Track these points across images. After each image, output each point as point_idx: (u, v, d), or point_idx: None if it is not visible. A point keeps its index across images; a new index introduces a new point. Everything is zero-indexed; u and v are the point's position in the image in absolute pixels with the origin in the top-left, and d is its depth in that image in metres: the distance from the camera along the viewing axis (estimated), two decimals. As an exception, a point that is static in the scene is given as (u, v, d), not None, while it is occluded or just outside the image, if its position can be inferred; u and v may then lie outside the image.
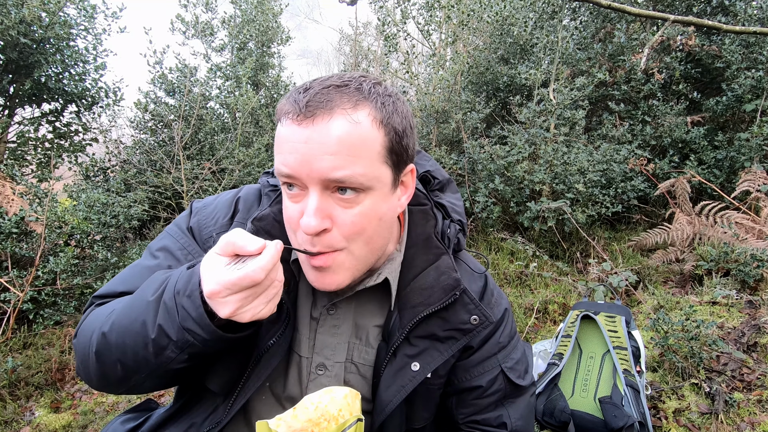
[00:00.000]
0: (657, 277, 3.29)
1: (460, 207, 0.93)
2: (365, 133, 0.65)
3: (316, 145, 0.63)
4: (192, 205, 0.90)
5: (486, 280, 0.90)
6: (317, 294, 0.83)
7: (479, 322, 0.79)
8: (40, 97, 4.07)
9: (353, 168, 0.64)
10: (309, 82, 0.67)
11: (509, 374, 0.87)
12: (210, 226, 0.85)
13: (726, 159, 4.19)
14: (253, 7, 5.44)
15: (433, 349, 0.79)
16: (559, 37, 4.29)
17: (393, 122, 0.68)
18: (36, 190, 2.96)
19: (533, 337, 2.62)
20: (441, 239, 0.84)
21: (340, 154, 0.63)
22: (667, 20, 4.27)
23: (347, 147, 0.64)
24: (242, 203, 0.87)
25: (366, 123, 0.65)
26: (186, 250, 0.84)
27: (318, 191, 0.66)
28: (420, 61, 5.39)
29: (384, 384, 0.79)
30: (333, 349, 0.82)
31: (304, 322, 0.82)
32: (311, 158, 0.63)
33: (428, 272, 0.80)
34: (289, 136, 0.65)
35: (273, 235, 0.78)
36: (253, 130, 4.87)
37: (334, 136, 0.63)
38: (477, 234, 4.06)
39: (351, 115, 0.64)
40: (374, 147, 0.66)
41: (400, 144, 0.70)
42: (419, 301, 0.79)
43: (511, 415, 0.87)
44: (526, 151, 3.92)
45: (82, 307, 2.97)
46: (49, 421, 2.10)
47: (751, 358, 2.09)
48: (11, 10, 3.39)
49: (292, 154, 0.64)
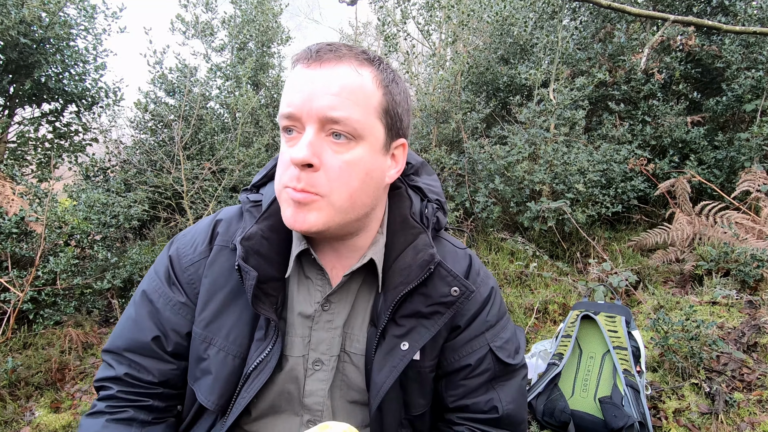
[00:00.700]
0: (657, 277, 3.29)
1: (438, 188, 0.94)
2: (366, 85, 0.71)
3: (320, 85, 0.68)
4: (174, 237, 0.92)
5: (470, 259, 0.91)
6: (309, 292, 0.84)
7: (460, 292, 0.80)
8: (40, 97, 4.07)
9: (350, 111, 0.69)
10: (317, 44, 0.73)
11: (498, 353, 0.87)
12: (189, 254, 0.86)
13: (726, 159, 4.19)
14: (253, 7, 5.44)
15: (420, 327, 0.80)
16: (559, 37, 4.29)
17: (392, 89, 0.74)
18: (36, 190, 2.96)
19: (533, 337, 2.62)
20: (420, 220, 0.86)
21: (341, 96, 0.68)
22: (667, 20, 4.27)
23: (348, 91, 0.69)
24: (222, 225, 0.87)
25: (368, 78, 0.72)
26: (157, 293, 0.86)
27: (314, 130, 0.70)
28: (420, 61, 5.39)
29: (376, 367, 0.80)
30: (328, 343, 0.83)
31: (298, 322, 0.83)
32: (313, 96, 0.68)
33: (407, 252, 0.82)
34: (297, 79, 0.70)
35: (262, 254, 0.79)
36: (253, 130, 4.87)
37: (337, 79, 0.69)
38: (477, 234, 4.06)
39: (356, 69, 0.70)
40: (372, 101, 0.72)
41: (396, 111, 0.75)
42: (400, 281, 0.80)
43: (502, 399, 0.87)
44: (526, 151, 3.92)
45: (82, 307, 2.97)
46: (49, 421, 2.10)
47: (751, 358, 2.09)
48: (11, 10, 3.39)
49: (297, 93, 0.69)
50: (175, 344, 0.85)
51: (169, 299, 0.85)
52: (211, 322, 0.82)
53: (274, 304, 0.80)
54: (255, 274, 0.75)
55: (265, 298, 0.79)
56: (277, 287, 0.81)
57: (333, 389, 0.84)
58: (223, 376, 0.80)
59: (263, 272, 0.78)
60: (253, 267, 0.77)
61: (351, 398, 0.85)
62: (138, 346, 0.85)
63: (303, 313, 0.83)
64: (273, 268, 0.80)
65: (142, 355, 0.85)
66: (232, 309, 0.82)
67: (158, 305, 0.85)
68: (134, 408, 0.84)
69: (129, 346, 0.85)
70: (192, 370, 0.85)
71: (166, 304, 0.85)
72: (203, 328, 0.82)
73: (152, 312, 0.85)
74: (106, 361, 0.88)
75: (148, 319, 0.85)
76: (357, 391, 0.84)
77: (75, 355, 2.59)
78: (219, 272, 0.83)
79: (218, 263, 0.84)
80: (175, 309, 0.85)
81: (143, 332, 0.85)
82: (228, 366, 0.81)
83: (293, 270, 0.84)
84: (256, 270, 0.76)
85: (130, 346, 0.85)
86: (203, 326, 0.83)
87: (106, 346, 0.89)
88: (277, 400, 0.83)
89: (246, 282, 0.76)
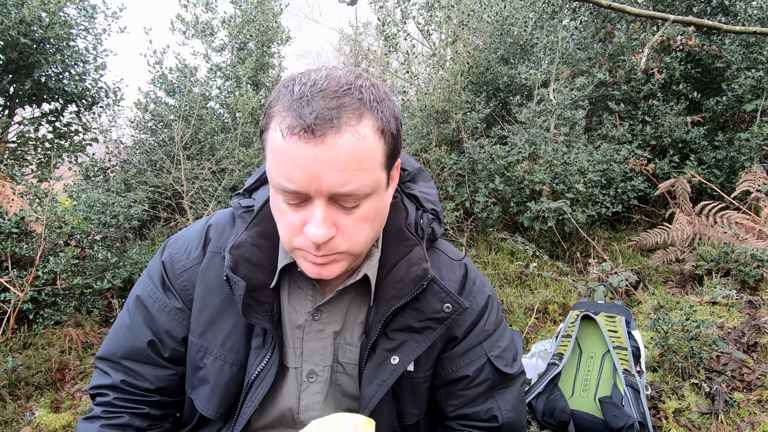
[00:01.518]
0: (657, 277, 3.28)
1: (434, 196, 0.92)
2: (370, 146, 0.65)
3: (325, 163, 0.62)
4: (166, 242, 0.91)
5: (466, 268, 0.90)
6: (300, 302, 0.83)
7: (452, 309, 0.79)
8: (40, 97, 4.07)
9: (359, 180, 0.65)
10: (304, 88, 0.64)
11: (496, 363, 0.87)
12: (182, 260, 0.85)
13: (726, 159, 4.19)
14: (253, 7, 5.44)
15: (411, 341, 0.80)
16: (559, 37, 4.29)
17: (390, 128, 0.68)
18: (36, 190, 2.96)
19: (533, 337, 2.62)
20: (414, 230, 0.84)
21: (349, 169, 0.64)
22: (667, 20, 4.27)
23: (355, 162, 0.64)
24: (213, 230, 0.86)
25: (370, 135, 0.65)
26: (152, 299, 0.85)
27: (323, 202, 0.66)
28: (420, 61, 5.39)
29: (366, 380, 0.80)
30: (321, 354, 0.83)
31: (289, 333, 0.83)
32: (320, 175, 0.63)
33: (401, 265, 0.81)
34: (295, 153, 0.63)
35: (253, 262, 0.78)
36: (253, 130, 4.87)
37: (343, 153, 0.62)
38: (477, 234, 4.06)
39: (357, 130, 0.63)
40: (376, 157, 0.67)
41: (395, 147, 0.71)
42: (392, 294, 0.79)
43: (501, 407, 0.87)
44: (526, 151, 3.92)
45: (82, 307, 2.97)
46: (49, 421, 2.10)
47: (751, 358, 2.09)
48: (11, 10, 3.39)
49: (298, 171, 0.63)
50: (171, 350, 0.85)
51: (165, 305, 0.84)
52: (206, 330, 0.81)
53: (268, 312, 0.79)
54: (243, 284, 0.74)
55: (258, 306, 0.78)
56: (270, 294, 0.80)
57: (327, 398, 0.83)
58: (221, 385, 0.80)
59: (255, 280, 0.77)
60: (243, 276, 0.76)
61: (345, 406, 0.85)
62: (134, 353, 0.84)
63: (294, 323, 0.83)
64: (265, 275, 0.79)
65: (138, 362, 0.84)
66: (227, 316, 0.81)
67: (153, 311, 0.84)
68: (130, 414, 0.83)
69: (125, 353, 0.84)
70: (189, 378, 0.85)
71: (162, 310, 0.84)
72: (198, 336, 0.82)
73: (147, 318, 0.84)
74: (100, 368, 0.87)
75: (143, 326, 0.84)
76: (351, 398, 0.84)
77: (75, 355, 2.59)
78: (213, 279, 0.82)
79: (212, 270, 0.83)
80: (171, 315, 0.84)
81: (138, 339, 0.84)
82: (225, 375, 0.80)
83: (284, 280, 0.83)
84: (247, 279, 0.76)
85: (126, 353, 0.84)
86: (198, 335, 0.82)
87: (100, 353, 0.88)
88: (276, 412, 0.83)
89: (235, 292, 0.75)
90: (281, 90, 0.66)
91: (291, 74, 0.70)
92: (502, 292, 3.16)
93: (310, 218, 0.67)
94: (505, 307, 2.93)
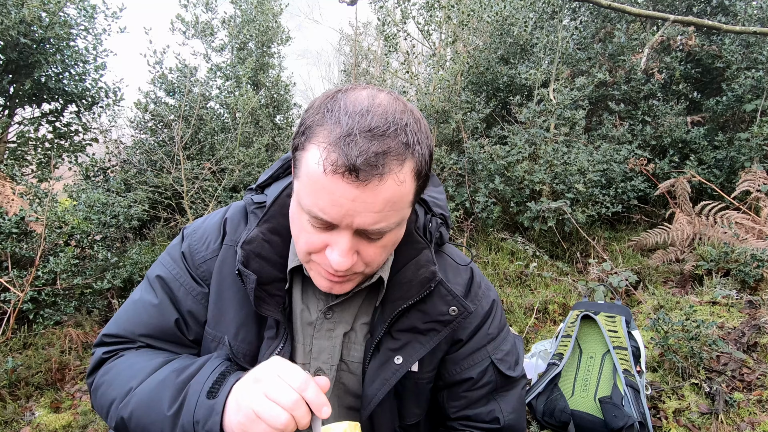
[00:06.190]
0: (657, 277, 3.28)
1: (442, 200, 0.94)
2: (406, 189, 0.66)
3: (362, 204, 0.63)
4: (183, 231, 0.92)
5: (472, 272, 0.91)
6: (312, 300, 0.84)
7: (458, 312, 0.81)
8: (40, 97, 4.07)
9: (390, 219, 0.67)
10: (352, 122, 0.62)
11: (499, 366, 0.88)
12: (202, 251, 0.87)
13: (726, 159, 4.19)
14: (253, 7, 5.43)
15: (415, 342, 0.81)
16: (559, 37, 4.29)
17: (425, 168, 0.69)
18: (36, 190, 2.96)
19: (533, 337, 2.62)
20: (423, 234, 0.86)
21: (383, 211, 0.65)
22: (667, 20, 4.27)
23: (390, 205, 0.65)
24: (229, 224, 0.88)
25: (408, 180, 0.66)
26: (178, 282, 0.86)
27: (350, 234, 0.67)
28: (420, 61, 5.38)
29: (369, 379, 0.81)
30: (329, 352, 0.83)
31: (300, 330, 0.84)
32: (355, 214, 0.64)
33: (409, 267, 0.82)
34: (335, 190, 0.63)
35: (264, 256, 0.80)
36: (253, 130, 4.87)
37: (381, 198, 0.64)
38: (477, 234, 4.06)
39: (398, 177, 0.64)
40: (409, 197, 0.68)
41: (426, 182, 0.72)
42: (399, 295, 0.81)
43: (503, 409, 0.88)
44: (526, 151, 3.92)
45: (82, 307, 2.97)
46: (49, 421, 2.10)
47: (751, 358, 2.09)
48: (11, 10, 3.39)
49: (334, 207, 0.64)
50: (195, 332, 0.86)
51: (192, 288, 0.85)
52: (220, 321, 0.83)
53: (280, 304, 0.81)
54: (254, 278, 0.76)
55: (270, 298, 0.79)
56: (281, 287, 0.81)
57: (330, 396, 0.84)
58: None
59: (266, 274, 0.79)
60: (254, 270, 0.77)
61: (347, 404, 0.85)
62: (158, 331, 0.85)
63: (305, 321, 0.84)
64: (276, 269, 0.81)
65: (161, 339, 0.85)
66: (241, 309, 0.83)
67: (179, 294, 0.85)
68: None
69: (147, 330, 0.84)
70: None
71: (188, 293, 0.85)
72: (213, 327, 0.83)
73: (174, 299, 0.85)
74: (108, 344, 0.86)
75: (170, 305, 0.85)
76: (353, 396, 0.85)
77: (75, 355, 2.59)
78: (227, 272, 0.84)
79: (227, 263, 0.84)
80: (197, 298, 0.85)
81: (165, 317, 0.84)
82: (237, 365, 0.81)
83: (297, 277, 0.84)
84: (258, 273, 0.77)
85: (148, 330, 0.84)
86: (213, 325, 0.83)
87: (110, 331, 0.86)
88: None
89: (247, 286, 0.76)
90: (324, 113, 0.64)
91: (331, 90, 0.68)
92: (502, 292, 3.16)
93: (334, 244, 0.68)
94: (505, 307, 2.92)
